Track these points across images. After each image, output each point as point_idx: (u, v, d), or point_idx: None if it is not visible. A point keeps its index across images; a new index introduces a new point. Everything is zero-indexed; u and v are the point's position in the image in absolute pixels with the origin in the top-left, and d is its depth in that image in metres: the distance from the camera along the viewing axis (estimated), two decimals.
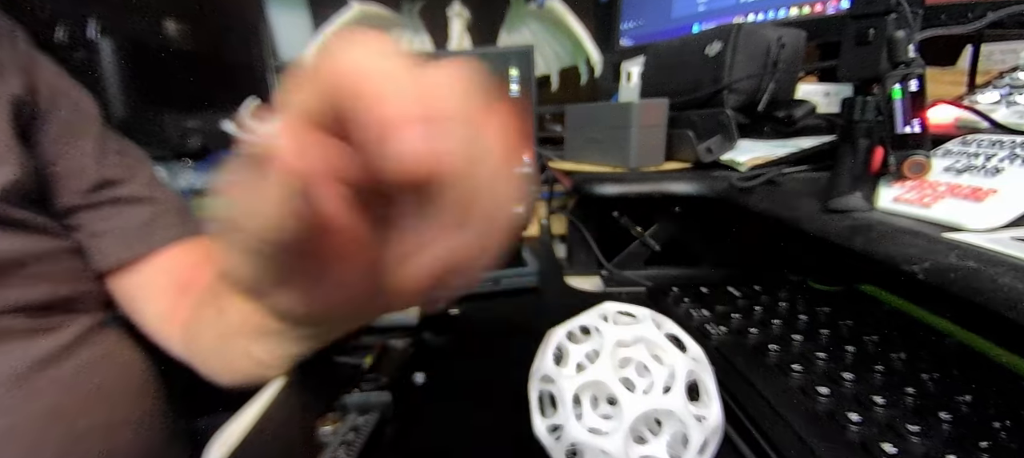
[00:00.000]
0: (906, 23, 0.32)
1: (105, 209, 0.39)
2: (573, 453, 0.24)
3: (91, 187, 0.39)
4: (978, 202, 0.29)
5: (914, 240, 0.27)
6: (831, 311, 0.42)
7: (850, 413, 0.29)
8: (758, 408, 0.30)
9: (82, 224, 0.39)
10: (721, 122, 0.54)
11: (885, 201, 0.34)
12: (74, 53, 0.72)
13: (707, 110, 0.56)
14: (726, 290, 0.48)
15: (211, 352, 0.36)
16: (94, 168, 0.39)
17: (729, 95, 0.55)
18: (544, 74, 1.02)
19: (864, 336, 0.38)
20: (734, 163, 0.51)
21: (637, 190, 0.51)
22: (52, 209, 0.38)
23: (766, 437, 0.28)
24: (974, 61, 0.52)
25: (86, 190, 0.39)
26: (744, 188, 0.44)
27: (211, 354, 0.36)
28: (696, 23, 0.77)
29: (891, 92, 0.33)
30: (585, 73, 0.98)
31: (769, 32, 0.55)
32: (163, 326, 0.40)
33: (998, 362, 0.34)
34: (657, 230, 0.54)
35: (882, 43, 0.33)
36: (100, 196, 0.39)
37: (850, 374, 0.32)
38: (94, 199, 0.39)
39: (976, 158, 0.33)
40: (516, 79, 0.72)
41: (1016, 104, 0.41)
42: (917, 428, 0.27)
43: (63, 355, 0.35)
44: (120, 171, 0.40)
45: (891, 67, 0.33)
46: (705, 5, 0.76)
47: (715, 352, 0.37)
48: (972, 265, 0.24)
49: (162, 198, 0.42)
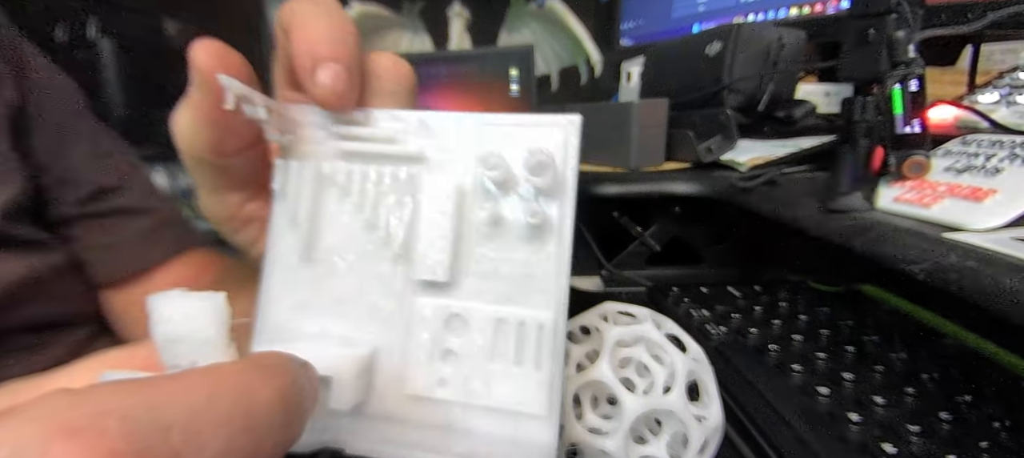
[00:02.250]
0: (906, 23, 0.32)
1: (101, 221, 0.37)
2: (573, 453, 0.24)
3: (86, 196, 0.37)
4: (978, 202, 0.29)
5: (914, 240, 0.27)
6: (831, 311, 0.42)
7: (850, 413, 0.29)
8: (758, 408, 0.30)
9: (77, 236, 0.37)
10: (721, 122, 0.54)
11: (885, 201, 0.34)
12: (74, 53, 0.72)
13: (707, 110, 0.56)
14: (726, 290, 0.48)
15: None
16: (89, 175, 0.37)
17: (729, 95, 0.55)
18: (544, 74, 1.02)
19: (864, 336, 0.38)
20: (734, 163, 0.51)
21: (637, 190, 0.51)
22: (46, 219, 0.36)
23: (766, 437, 0.28)
24: (974, 61, 0.52)
25: (81, 200, 0.37)
26: (744, 188, 0.44)
27: None
28: (696, 23, 0.77)
29: (891, 92, 0.33)
30: (585, 73, 0.98)
31: (769, 32, 0.55)
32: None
33: (998, 362, 0.34)
34: (657, 230, 0.54)
35: (882, 43, 0.33)
36: (96, 206, 0.37)
37: (850, 374, 0.32)
38: (90, 210, 0.37)
39: (976, 158, 0.33)
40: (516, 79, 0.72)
41: (1016, 104, 0.41)
42: (917, 428, 0.27)
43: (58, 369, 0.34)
44: (116, 177, 0.38)
45: (891, 67, 0.33)
46: (705, 5, 0.76)
47: (715, 352, 0.37)
48: (972, 265, 0.24)
49: (159, 208, 0.40)
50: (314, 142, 0.19)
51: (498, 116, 0.18)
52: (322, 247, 0.19)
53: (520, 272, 0.18)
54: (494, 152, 0.17)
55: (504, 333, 0.18)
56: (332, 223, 0.19)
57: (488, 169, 0.17)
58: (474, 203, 0.18)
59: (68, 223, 0.37)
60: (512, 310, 0.18)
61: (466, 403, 0.17)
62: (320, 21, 0.17)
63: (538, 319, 0.17)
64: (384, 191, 0.19)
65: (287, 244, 0.19)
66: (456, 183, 0.18)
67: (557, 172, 0.18)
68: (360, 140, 0.19)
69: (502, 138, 0.18)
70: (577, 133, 0.18)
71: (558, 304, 0.17)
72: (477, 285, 0.18)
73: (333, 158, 0.19)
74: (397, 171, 0.19)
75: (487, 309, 0.18)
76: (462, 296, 0.18)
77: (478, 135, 0.18)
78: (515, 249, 0.18)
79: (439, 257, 0.18)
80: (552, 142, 0.18)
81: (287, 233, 0.19)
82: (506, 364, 0.17)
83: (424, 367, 0.18)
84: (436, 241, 0.18)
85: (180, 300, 0.13)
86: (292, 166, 0.19)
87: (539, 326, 0.17)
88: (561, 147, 0.18)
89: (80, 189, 0.37)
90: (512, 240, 0.18)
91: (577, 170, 0.18)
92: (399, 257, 0.18)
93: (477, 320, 0.18)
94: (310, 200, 0.19)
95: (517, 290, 0.18)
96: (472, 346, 0.18)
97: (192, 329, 0.12)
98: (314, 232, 0.19)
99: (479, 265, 0.18)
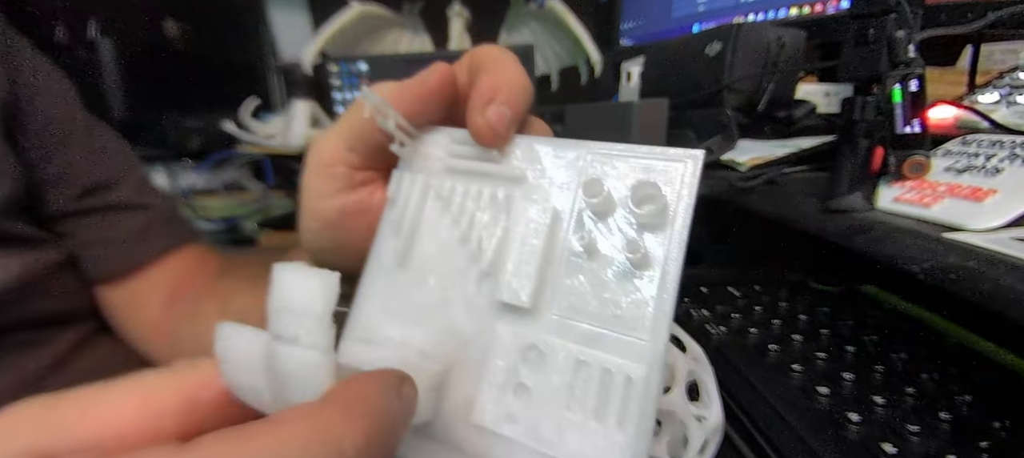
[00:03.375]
0: (906, 23, 0.32)
1: (95, 217, 0.37)
2: None
3: (81, 192, 0.36)
4: (978, 202, 0.29)
5: (914, 240, 0.27)
6: (831, 311, 0.42)
7: (850, 413, 0.29)
8: (758, 408, 0.30)
9: (72, 232, 0.37)
10: (721, 122, 0.54)
11: (885, 201, 0.34)
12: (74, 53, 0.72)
13: (707, 110, 0.56)
14: (726, 290, 0.48)
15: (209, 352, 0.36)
16: (83, 170, 0.37)
17: (729, 95, 0.55)
18: (544, 74, 1.02)
19: (864, 336, 0.38)
20: (734, 163, 0.51)
21: None
22: (40, 216, 0.36)
23: (766, 437, 0.28)
24: (974, 61, 0.52)
25: (75, 196, 0.36)
26: (744, 188, 0.44)
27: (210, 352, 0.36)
28: (696, 23, 0.77)
29: (891, 92, 0.33)
30: (585, 73, 0.98)
31: (769, 32, 0.55)
32: (150, 336, 0.38)
33: (998, 362, 0.34)
34: None
35: (882, 43, 0.33)
36: (90, 202, 0.37)
37: (850, 374, 0.32)
38: (84, 205, 0.37)
39: (976, 158, 0.33)
40: None
41: (1016, 104, 0.41)
42: (917, 428, 0.27)
43: (57, 367, 0.34)
44: (109, 172, 0.38)
45: (891, 67, 0.33)
46: (705, 5, 0.75)
47: (715, 352, 0.37)
48: (972, 265, 0.24)
49: (154, 203, 0.40)
50: (429, 158, 0.20)
51: (610, 145, 0.18)
52: (417, 256, 0.19)
53: (611, 313, 0.16)
54: (597, 179, 0.16)
55: (585, 378, 0.16)
56: (430, 234, 0.19)
57: (589, 196, 0.16)
58: (569, 230, 0.17)
59: (62, 220, 0.37)
60: (597, 355, 0.16)
61: (532, 448, 0.16)
62: (516, 73, 0.19)
63: (627, 370, 0.15)
64: (481, 208, 0.19)
65: (388, 248, 0.20)
66: (552, 208, 0.17)
67: (668, 208, 0.16)
68: (468, 158, 0.19)
69: (612, 167, 0.17)
70: (698, 169, 0.16)
71: (653, 357, 0.15)
72: (561, 319, 0.17)
73: (441, 173, 0.20)
74: (496, 190, 0.19)
75: (569, 347, 0.16)
76: (544, 328, 0.17)
77: (585, 162, 0.18)
78: (608, 286, 0.16)
79: (524, 281, 0.17)
80: (668, 176, 0.16)
81: (390, 238, 0.20)
82: (584, 415, 0.15)
83: (494, 397, 0.16)
84: (523, 264, 0.17)
85: (300, 272, 0.13)
86: (405, 177, 0.20)
87: (627, 379, 0.15)
88: (677, 182, 0.16)
89: (74, 185, 0.36)
90: (606, 276, 0.16)
91: (692, 209, 0.16)
92: (486, 276, 0.18)
93: (556, 357, 0.16)
94: (414, 210, 0.19)
95: (605, 333, 0.16)
96: (547, 385, 0.16)
97: (304, 302, 0.13)
98: (413, 240, 0.19)
99: (566, 298, 0.17)
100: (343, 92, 0.81)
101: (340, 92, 0.81)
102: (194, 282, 0.39)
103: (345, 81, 0.80)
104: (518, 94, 0.18)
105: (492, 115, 0.18)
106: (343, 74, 0.80)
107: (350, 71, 0.80)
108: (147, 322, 0.39)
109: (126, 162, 0.40)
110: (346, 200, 0.21)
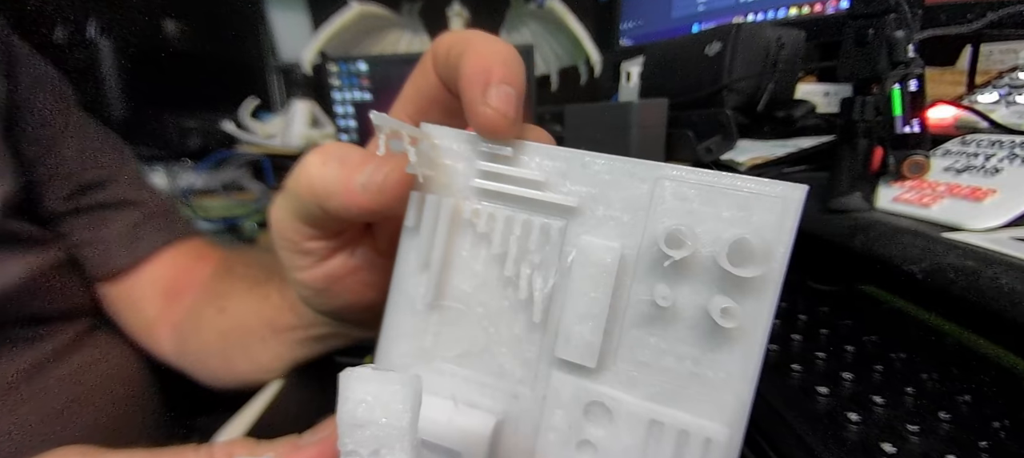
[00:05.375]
0: (906, 23, 0.32)
1: (90, 215, 0.37)
2: None
3: (74, 191, 0.36)
4: (978, 202, 0.29)
5: (914, 240, 0.27)
6: (831, 311, 0.42)
7: (850, 413, 0.29)
8: (758, 408, 0.30)
9: (67, 232, 0.37)
10: (721, 122, 0.54)
11: (885, 201, 0.34)
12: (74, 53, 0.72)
13: (707, 110, 0.56)
14: None
15: (211, 353, 0.36)
16: (77, 169, 0.37)
17: (729, 95, 0.55)
18: (544, 74, 1.02)
19: (864, 336, 0.38)
20: (734, 163, 0.51)
21: None
22: (38, 216, 0.36)
23: (766, 437, 0.28)
24: (974, 61, 0.52)
25: (69, 195, 0.36)
26: None
27: (211, 355, 0.36)
28: (696, 23, 0.77)
29: (891, 92, 0.33)
30: (585, 73, 0.98)
31: (769, 32, 0.55)
32: (151, 331, 0.39)
33: (998, 362, 0.34)
34: None
35: (882, 43, 0.33)
36: (84, 200, 0.37)
37: (850, 374, 0.32)
38: (78, 204, 0.37)
39: (975, 158, 0.33)
40: None
41: (1016, 104, 0.41)
42: (917, 428, 0.27)
43: (56, 361, 0.34)
44: (103, 170, 0.38)
45: (890, 67, 0.33)
46: (705, 5, 0.76)
47: None
48: (972, 265, 0.24)
49: (148, 199, 0.40)
50: (455, 176, 0.16)
51: (686, 170, 0.14)
52: (450, 293, 0.16)
53: (688, 370, 0.14)
54: (682, 228, 0.13)
55: (659, 439, 0.14)
56: (464, 269, 0.16)
57: (670, 247, 0.13)
58: (640, 276, 0.15)
59: (58, 219, 0.37)
60: (673, 414, 0.14)
61: None
62: (497, 46, 0.16)
63: (706, 432, 0.14)
64: (529, 248, 0.15)
65: (414, 286, 0.17)
66: (619, 250, 0.14)
67: (770, 269, 0.14)
68: (506, 180, 0.16)
69: (688, 200, 0.14)
70: (799, 210, 0.13)
71: (736, 418, 0.14)
72: (629, 372, 0.15)
73: (474, 197, 0.16)
74: (548, 224, 0.15)
75: (640, 405, 0.15)
76: (609, 382, 0.15)
77: (655, 191, 0.14)
78: (686, 342, 0.14)
79: (590, 339, 0.14)
80: (763, 217, 0.13)
81: (416, 274, 0.17)
82: None
83: (555, 454, 0.15)
84: (586, 319, 0.14)
85: (375, 382, 0.11)
86: (429, 201, 0.16)
87: (706, 441, 0.14)
88: (775, 227, 0.13)
89: (68, 184, 0.36)
90: (683, 330, 0.14)
91: (788, 257, 0.14)
92: (537, 324, 0.15)
93: (626, 415, 0.15)
94: (442, 241, 0.16)
95: (682, 391, 0.14)
96: (617, 444, 0.15)
97: (384, 416, 0.11)
98: (444, 276, 0.16)
99: (634, 351, 0.15)
100: (342, 92, 0.81)
101: (339, 92, 0.81)
102: (193, 276, 0.39)
103: (344, 81, 0.80)
104: (511, 66, 0.16)
105: (495, 99, 0.15)
106: (342, 74, 0.80)
107: (349, 71, 0.80)
108: (147, 317, 0.39)
109: (119, 160, 0.40)
110: (327, 268, 0.20)
